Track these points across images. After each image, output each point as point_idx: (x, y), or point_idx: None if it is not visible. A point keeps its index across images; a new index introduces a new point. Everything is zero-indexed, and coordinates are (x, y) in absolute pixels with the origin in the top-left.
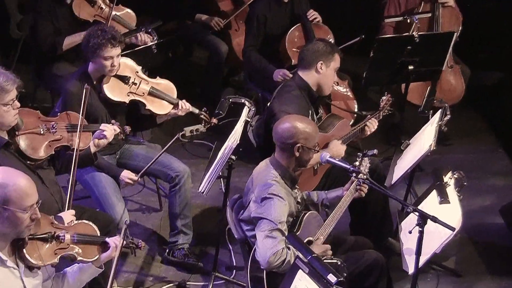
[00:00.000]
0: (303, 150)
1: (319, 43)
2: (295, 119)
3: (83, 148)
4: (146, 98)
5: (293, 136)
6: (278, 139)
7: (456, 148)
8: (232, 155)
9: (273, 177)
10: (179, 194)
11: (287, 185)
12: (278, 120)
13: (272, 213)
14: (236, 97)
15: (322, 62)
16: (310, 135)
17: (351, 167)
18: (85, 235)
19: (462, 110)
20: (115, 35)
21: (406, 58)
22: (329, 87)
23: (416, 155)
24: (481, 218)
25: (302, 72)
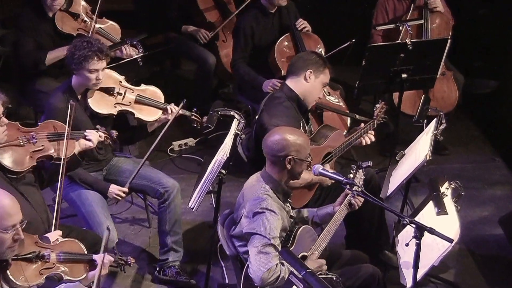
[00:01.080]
0: (295, 162)
1: (312, 54)
2: (285, 131)
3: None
4: (133, 107)
5: (284, 148)
6: (268, 152)
7: (452, 157)
8: (222, 169)
9: (265, 191)
10: (169, 210)
11: (280, 199)
12: (268, 133)
13: (264, 228)
14: (225, 110)
15: (311, 71)
16: (301, 147)
17: (345, 179)
18: (71, 253)
19: (458, 119)
20: (102, 48)
21: (399, 66)
22: (313, 100)
23: (412, 165)
24: (480, 229)
25: (290, 81)
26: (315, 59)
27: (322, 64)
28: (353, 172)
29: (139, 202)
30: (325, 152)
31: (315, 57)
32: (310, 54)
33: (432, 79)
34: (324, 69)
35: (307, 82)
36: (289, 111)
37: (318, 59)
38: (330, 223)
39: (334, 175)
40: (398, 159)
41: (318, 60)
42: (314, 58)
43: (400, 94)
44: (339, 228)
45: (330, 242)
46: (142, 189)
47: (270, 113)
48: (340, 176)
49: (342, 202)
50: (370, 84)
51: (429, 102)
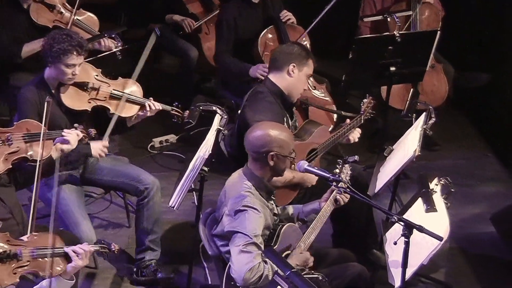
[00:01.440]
0: (278, 158)
1: (294, 46)
2: (267, 126)
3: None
4: (109, 102)
5: (266, 144)
6: (250, 148)
7: (443, 153)
8: (204, 166)
9: (247, 189)
10: (147, 207)
11: (262, 196)
12: (250, 128)
13: (246, 226)
14: (207, 105)
15: (294, 64)
16: (284, 142)
17: (331, 175)
18: (46, 248)
19: (448, 113)
20: (82, 43)
21: (387, 59)
22: (298, 93)
23: (400, 161)
24: (471, 227)
25: (273, 75)
26: (298, 51)
27: (305, 56)
28: (339, 168)
29: (119, 201)
30: (310, 148)
31: (297, 49)
32: (292, 46)
33: (421, 72)
34: (308, 60)
35: (291, 76)
36: (272, 106)
37: (300, 51)
38: (315, 220)
39: (320, 172)
40: (386, 155)
41: (301, 52)
42: (296, 50)
43: (388, 88)
44: (325, 226)
45: (317, 240)
46: (121, 187)
47: (253, 108)
48: (325, 173)
49: (328, 198)
50: (357, 78)
51: (418, 96)
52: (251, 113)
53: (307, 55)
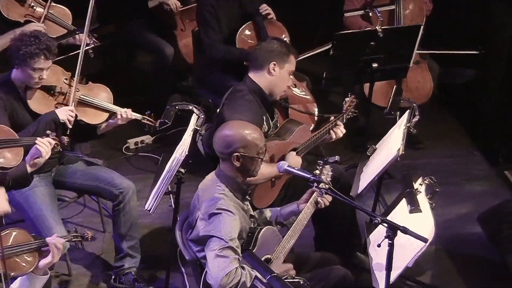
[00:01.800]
0: (244, 159)
1: (273, 42)
2: (234, 126)
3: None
4: (77, 108)
5: (230, 144)
6: (217, 148)
7: (428, 152)
8: (181, 168)
9: (220, 190)
10: (124, 213)
11: (237, 197)
12: (218, 128)
13: (221, 229)
14: (183, 104)
15: (275, 62)
16: (250, 143)
17: (311, 176)
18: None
19: (433, 111)
20: (50, 46)
21: (369, 55)
22: (280, 91)
23: (384, 160)
24: (457, 227)
25: (253, 74)
26: (278, 48)
27: (286, 52)
28: (320, 169)
29: (93, 205)
30: (290, 148)
31: (277, 46)
32: (271, 43)
33: (404, 69)
34: (289, 57)
35: (272, 75)
36: (251, 105)
37: (280, 48)
38: (295, 223)
39: (300, 172)
40: (369, 154)
41: (281, 48)
42: (277, 47)
43: (370, 85)
44: (307, 229)
45: (298, 244)
46: (95, 191)
47: (231, 107)
48: (306, 173)
49: (307, 200)
50: (338, 75)
51: (402, 93)
52: (229, 112)
53: (288, 51)
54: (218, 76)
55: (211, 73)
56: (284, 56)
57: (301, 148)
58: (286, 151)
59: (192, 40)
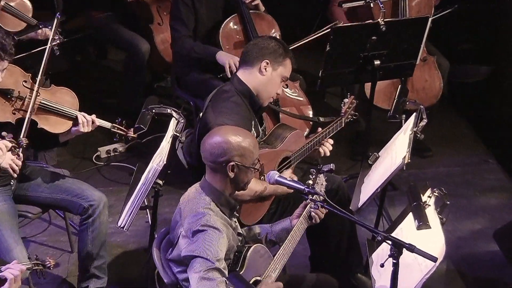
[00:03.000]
0: (239, 169)
1: (271, 41)
2: (227, 131)
3: None
4: (37, 115)
5: (225, 152)
6: (207, 157)
7: (437, 160)
8: (159, 179)
9: (205, 205)
10: (93, 228)
11: (224, 213)
12: (207, 134)
13: (206, 249)
14: (161, 107)
15: (268, 61)
16: (246, 151)
17: (306, 188)
18: None
19: (442, 114)
20: (5, 46)
21: (370, 51)
22: (268, 96)
23: (387, 170)
24: (471, 245)
25: (242, 72)
26: (274, 47)
27: (282, 54)
28: (313, 178)
29: (59, 221)
30: (282, 156)
31: (274, 44)
32: (268, 41)
33: (410, 66)
34: (284, 59)
35: (262, 74)
36: (239, 108)
37: (277, 47)
38: (287, 241)
39: (294, 184)
40: (371, 163)
41: (277, 48)
42: (273, 45)
43: (372, 85)
44: (302, 247)
45: (292, 263)
46: (62, 205)
47: (216, 110)
48: (300, 185)
49: (300, 214)
50: (336, 74)
51: (407, 93)
52: (213, 115)
53: (285, 53)
54: (199, 76)
55: (191, 73)
56: (280, 57)
57: (294, 157)
58: (277, 160)
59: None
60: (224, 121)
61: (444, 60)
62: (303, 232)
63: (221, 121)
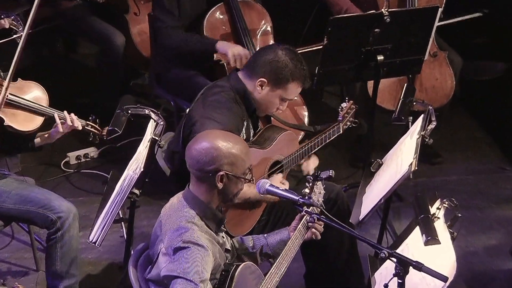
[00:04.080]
0: (229, 180)
1: (283, 55)
2: (216, 136)
3: None
4: (4, 111)
5: (213, 160)
6: (193, 164)
7: (447, 167)
8: (135, 188)
9: (189, 218)
10: (62, 243)
11: (210, 228)
12: (193, 139)
13: (189, 268)
14: (137, 108)
15: (266, 80)
16: (237, 159)
17: (300, 198)
18: None
19: (453, 115)
20: None
21: (373, 45)
22: (264, 112)
23: (392, 179)
24: (485, 262)
25: (243, 74)
26: (279, 67)
27: (286, 77)
28: (309, 186)
29: (23, 236)
30: (272, 160)
31: (283, 63)
32: (280, 55)
33: (418, 62)
34: (287, 83)
35: (258, 92)
36: (230, 104)
37: (283, 68)
38: (280, 258)
39: (286, 193)
40: (374, 170)
41: (283, 68)
42: (280, 65)
43: (375, 83)
44: (296, 264)
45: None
46: (26, 217)
47: (205, 103)
48: (294, 195)
49: (296, 227)
50: (334, 71)
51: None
52: (201, 108)
53: (291, 77)
54: (182, 72)
55: (173, 68)
56: (282, 81)
57: (286, 162)
58: (267, 164)
59: (148, 27)
60: (212, 115)
61: (456, 55)
62: (298, 248)
63: (208, 115)
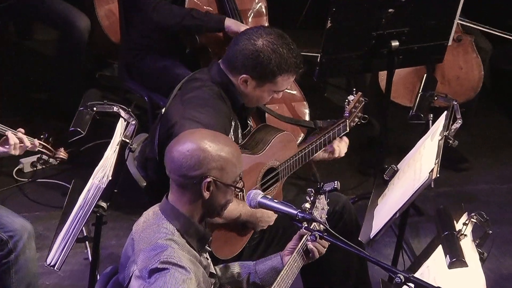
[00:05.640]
0: (217, 188)
1: (265, 47)
2: (202, 136)
3: None
4: None
5: (200, 164)
6: (175, 169)
7: (475, 174)
8: (102, 201)
9: (167, 235)
10: (16, 268)
11: (192, 246)
12: (175, 139)
13: None
14: (105, 104)
15: (249, 77)
16: (228, 163)
17: (299, 212)
18: None
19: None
20: None
21: (386, 29)
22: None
23: (409, 188)
24: None
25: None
26: (262, 59)
27: (273, 71)
28: (311, 200)
29: None
30: (265, 167)
31: (267, 55)
32: (256, 45)
33: (440, 49)
34: (275, 77)
35: (244, 89)
36: (215, 101)
37: (268, 60)
38: (276, 283)
39: (282, 207)
40: (387, 178)
41: (269, 62)
42: (265, 57)
43: (389, 74)
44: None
45: None
46: None
47: (185, 101)
48: (291, 208)
49: (294, 248)
50: (339, 59)
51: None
52: (180, 107)
53: (278, 71)
54: (158, 63)
55: (147, 57)
56: (268, 76)
57: (283, 168)
58: (259, 172)
59: (118, 8)
60: (194, 115)
61: (485, 40)
62: (297, 273)
63: (189, 114)
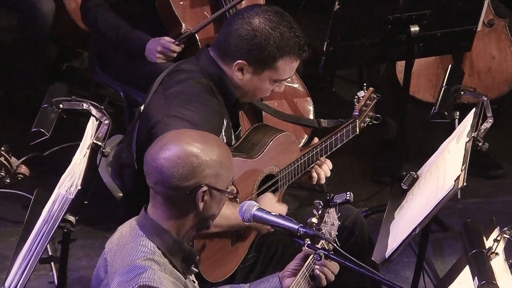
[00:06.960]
0: (211, 197)
1: (262, 26)
2: (190, 137)
3: None
4: None
5: (194, 172)
6: (163, 181)
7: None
8: (69, 214)
9: (146, 254)
10: None
11: (176, 267)
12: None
13: None
14: (72, 101)
15: (246, 63)
16: (223, 167)
17: (300, 226)
18: None
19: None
20: None
21: (404, 12)
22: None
23: (431, 199)
24: None
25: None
26: (260, 41)
27: (273, 54)
28: (318, 214)
29: None
30: (263, 174)
31: (265, 34)
32: (252, 25)
33: (468, 35)
34: (275, 61)
35: (237, 78)
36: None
37: (267, 41)
38: None
39: (281, 221)
40: (406, 187)
41: (267, 43)
42: (262, 37)
43: (407, 65)
44: None
45: None
46: None
47: (168, 96)
48: (292, 223)
49: (297, 270)
50: (349, 47)
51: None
52: (162, 105)
53: (279, 53)
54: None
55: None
56: (267, 60)
57: (283, 175)
58: (256, 180)
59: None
60: (180, 112)
61: None
62: None
63: (174, 111)
